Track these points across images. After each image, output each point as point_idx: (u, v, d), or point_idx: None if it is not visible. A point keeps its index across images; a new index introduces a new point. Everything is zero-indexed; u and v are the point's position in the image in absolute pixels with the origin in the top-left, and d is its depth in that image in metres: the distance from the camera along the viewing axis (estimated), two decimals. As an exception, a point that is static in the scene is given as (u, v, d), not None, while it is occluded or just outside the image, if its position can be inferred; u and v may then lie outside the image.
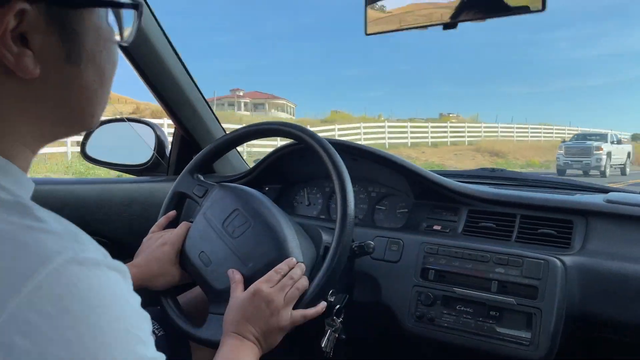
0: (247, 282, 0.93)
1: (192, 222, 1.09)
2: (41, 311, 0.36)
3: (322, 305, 0.94)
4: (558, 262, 1.03)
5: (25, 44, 0.45)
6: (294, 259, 0.94)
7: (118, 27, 0.54)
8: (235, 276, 0.94)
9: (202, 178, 1.16)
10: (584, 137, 19.29)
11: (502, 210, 1.23)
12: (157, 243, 1.05)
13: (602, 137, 18.43)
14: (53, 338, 0.36)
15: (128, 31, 0.57)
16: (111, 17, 0.53)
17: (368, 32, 1.00)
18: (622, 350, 1.11)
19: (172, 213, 1.13)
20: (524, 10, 0.85)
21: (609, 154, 17.32)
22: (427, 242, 1.17)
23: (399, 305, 1.15)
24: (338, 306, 1.06)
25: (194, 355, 1.11)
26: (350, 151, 1.32)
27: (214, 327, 0.95)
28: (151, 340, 0.44)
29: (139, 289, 0.99)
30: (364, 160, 1.35)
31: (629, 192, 1.31)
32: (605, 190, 1.33)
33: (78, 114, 0.53)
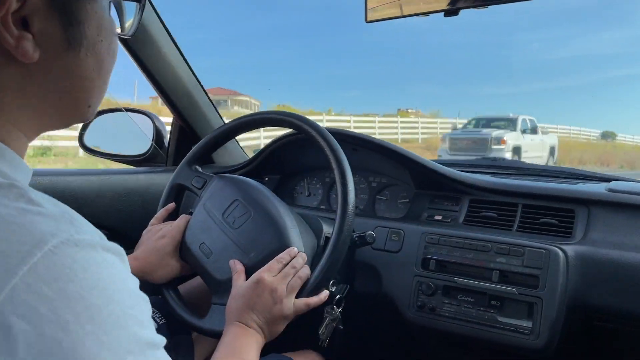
0: (249, 272, 0.93)
1: (192, 212, 1.09)
2: (38, 292, 0.36)
3: (325, 293, 0.94)
4: (560, 251, 1.03)
5: (26, 27, 0.45)
6: (295, 249, 0.94)
7: (119, 19, 0.55)
8: (237, 266, 0.94)
9: (200, 169, 1.15)
10: (483, 123, 13.45)
11: (504, 200, 1.22)
12: (157, 236, 1.05)
13: (509, 124, 12.75)
14: (50, 319, 0.36)
15: (129, 23, 0.58)
16: (113, 9, 0.54)
17: (368, 19, 0.99)
18: (623, 339, 1.11)
19: (171, 205, 1.12)
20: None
21: (516, 150, 11.90)
22: (428, 232, 1.17)
23: (400, 296, 1.15)
24: (339, 296, 1.06)
25: (195, 343, 1.11)
26: (350, 141, 1.31)
27: (216, 318, 0.95)
28: (150, 322, 0.44)
29: (141, 281, 0.99)
30: (365, 150, 1.34)
31: (632, 181, 1.30)
32: (607, 179, 1.33)
33: (75, 103, 0.52)
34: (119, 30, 0.56)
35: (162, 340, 0.45)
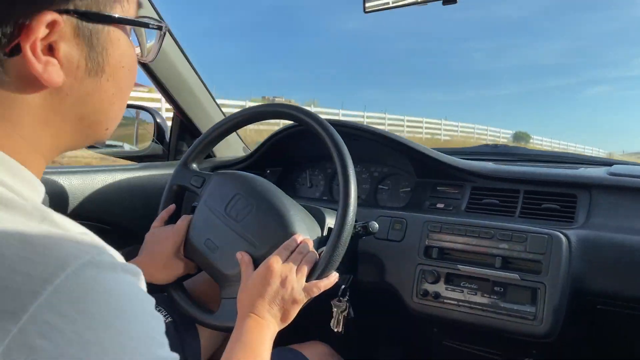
0: (256, 262, 0.93)
1: (195, 207, 1.09)
2: (60, 313, 0.37)
3: (335, 275, 0.94)
4: (562, 236, 1.03)
5: (51, 52, 0.46)
6: (301, 235, 0.95)
7: (140, 44, 0.56)
8: (244, 258, 0.94)
9: (197, 168, 1.15)
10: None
11: (506, 186, 1.22)
12: (160, 238, 1.05)
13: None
14: (72, 339, 0.37)
15: (149, 46, 0.60)
16: (133, 34, 0.55)
17: (367, 9, 0.99)
18: (626, 323, 1.12)
19: (172, 207, 1.12)
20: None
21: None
22: (430, 220, 1.17)
23: (404, 284, 1.15)
24: (343, 286, 1.06)
25: (202, 339, 1.11)
26: (351, 131, 1.31)
27: (228, 312, 0.95)
28: (166, 341, 0.45)
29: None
30: (365, 140, 1.34)
31: (633, 164, 1.30)
32: (608, 163, 1.33)
33: (93, 126, 0.54)
34: (139, 54, 0.57)
35: (176, 357, 0.46)
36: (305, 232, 0.97)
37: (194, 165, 1.16)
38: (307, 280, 0.90)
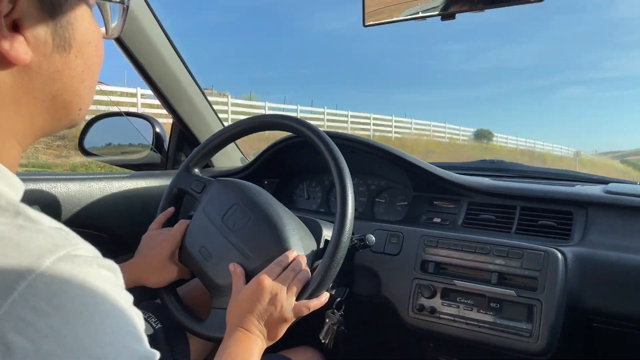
0: (249, 275, 0.93)
1: (192, 216, 1.09)
2: (35, 308, 0.36)
3: (326, 296, 0.93)
4: (558, 253, 1.03)
5: (17, 30, 0.46)
6: (295, 251, 0.94)
7: (104, 21, 0.56)
8: (237, 270, 0.94)
9: (199, 174, 1.15)
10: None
11: (502, 202, 1.23)
12: (156, 240, 1.05)
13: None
14: (48, 334, 0.36)
15: (114, 26, 0.59)
16: (98, 12, 0.55)
17: (366, 23, 0.99)
18: (622, 340, 1.11)
19: (170, 210, 1.12)
20: (523, 0, 0.84)
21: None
22: (427, 234, 1.17)
23: (399, 298, 1.15)
24: (339, 299, 1.06)
25: (191, 346, 1.11)
26: (349, 144, 1.31)
27: (217, 322, 0.95)
28: (144, 336, 0.44)
29: (137, 285, 0.98)
30: (363, 153, 1.34)
31: (629, 183, 1.31)
32: (605, 182, 1.33)
33: (66, 106, 0.53)
34: (104, 32, 0.57)
35: (156, 354, 0.45)
36: (300, 248, 0.97)
37: (196, 170, 1.16)
38: (297, 299, 0.90)
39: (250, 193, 1.05)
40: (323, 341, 1.08)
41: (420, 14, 0.94)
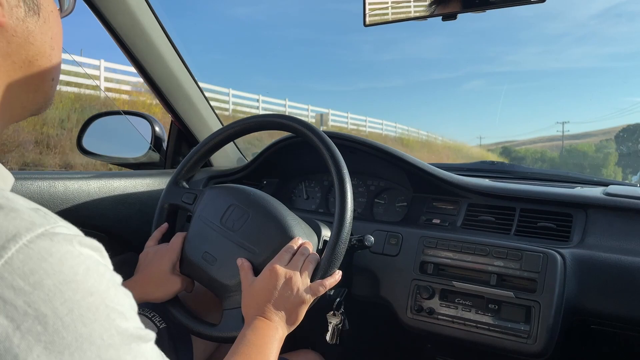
0: (257, 269, 0.93)
1: (191, 215, 1.08)
2: (13, 286, 0.36)
3: (339, 273, 0.94)
4: (557, 255, 1.03)
5: None
6: (300, 239, 0.95)
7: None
8: (244, 264, 0.94)
9: (187, 185, 1.15)
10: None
11: (502, 204, 1.23)
12: (155, 256, 1.04)
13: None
14: (28, 312, 0.36)
15: (68, 4, 0.62)
16: None
17: (367, 23, 0.99)
18: (620, 342, 1.11)
19: (164, 226, 1.11)
20: (524, 0, 0.84)
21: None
22: (426, 235, 1.17)
23: (398, 299, 1.15)
24: (338, 299, 1.06)
25: (195, 346, 1.11)
26: (348, 144, 1.31)
27: (232, 323, 0.94)
28: (134, 315, 0.44)
29: (141, 302, 0.98)
30: (363, 153, 1.34)
31: (629, 185, 1.30)
32: (604, 184, 1.33)
33: (40, 75, 0.55)
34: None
35: (150, 334, 0.44)
36: (304, 235, 0.97)
37: (184, 183, 1.15)
38: (311, 280, 0.90)
39: (245, 193, 1.05)
40: (331, 342, 1.08)
41: (421, 14, 0.94)
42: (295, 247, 0.92)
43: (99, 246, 0.44)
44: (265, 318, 0.84)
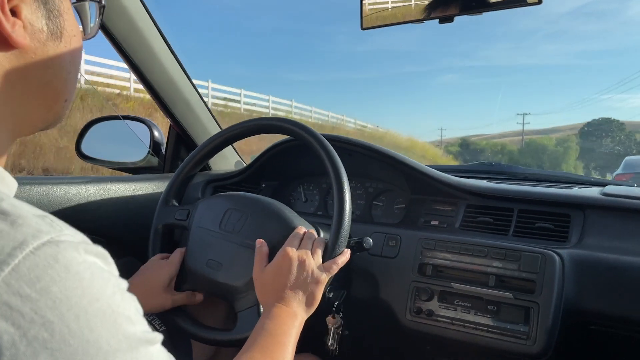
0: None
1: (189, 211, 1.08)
2: (20, 294, 0.36)
3: (348, 251, 0.95)
4: (555, 255, 1.03)
5: (15, 16, 0.49)
6: (303, 227, 0.97)
7: (82, 21, 0.60)
8: (263, 248, 0.94)
9: (177, 204, 1.14)
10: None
11: (500, 205, 1.23)
12: (155, 266, 1.05)
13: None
14: (34, 320, 0.36)
15: (92, 26, 0.63)
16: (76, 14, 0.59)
17: (364, 26, 1.00)
18: (619, 343, 1.12)
19: (163, 255, 1.10)
20: (521, 3, 0.85)
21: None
22: (424, 237, 1.17)
23: (397, 301, 1.15)
24: (337, 302, 1.06)
25: (194, 348, 1.11)
26: (346, 146, 1.31)
27: (248, 323, 0.93)
28: (140, 319, 0.44)
29: None
30: (361, 156, 1.34)
31: (626, 185, 1.31)
32: (602, 184, 1.33)
33: (54, 95, 0.56)
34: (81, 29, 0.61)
35: (157, 336, 0.44)
36: (306, 225, 0.99)
37: (174, 202, 1.15)
38: (323, 261, 0.92)
39: (239, 196, 1.06)
40: (331, 348, 1.08)
41: (419, 17, 0.95)
42: (302, 232, 0.94)
43: (105, 253, 0.45)
44: (284, 305, 0.84)
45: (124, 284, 0.44)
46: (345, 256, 0.94)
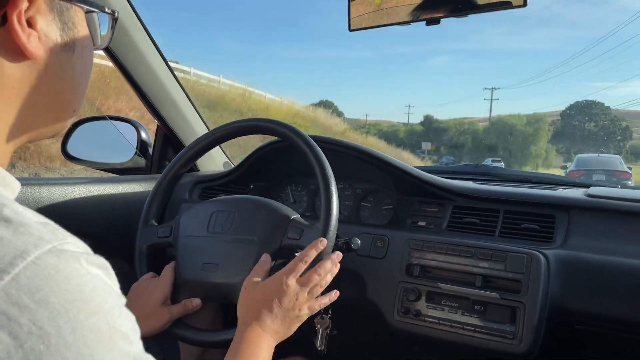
0: (259, 255, 0.94)
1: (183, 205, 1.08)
2: (18, 303, 0.36)
3: (335, 293, 0.94)
4: (541, 256, 1.04)
5: (30, 27, 0.49)
6: (325, 240, 0.91)
7: (92, 32, 0.58)
8: (267, 259, 0.93)
9: (155, 223, 1.13)
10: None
11: (486, 206, 1.24)
12: (145, 288, 1.03)
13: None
14: (31, 331, 0.36)
15: (103, 35, 0.62)
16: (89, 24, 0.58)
17: (352, 27, 1.00)
18: (604, 342, 1.13)
19: (150, 273, 1.08)
20: (506, 5, 0.86)
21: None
22: (412, 238, 1.18)
23: (385, 302, 1.15)
24: None
25: (181, 348, 1.10)
26: (334, 147, 1.31)
27: None
28: (137, 338, 0.43)
29: None
30: (348, 157, 1.34)
31: (610, 187, 1.33)
32: (586, 185, 1.35)
33: (63, 106, 0.56)
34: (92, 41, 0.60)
35: (150, 358, 0.44)
36: (291, 213, 0.99)
37: (154, 222, 1.13)
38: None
39: (222, 199, 1.06)
40: (319, 348, 1.07)
41: (405, 19, 0.96)
42: (313, 255, 0.89)
43: (106, 265, 0.44)
44: (259, 327, 0.84)
45: (123, 299, 0.44)
46: (331, 296, 0.93)
